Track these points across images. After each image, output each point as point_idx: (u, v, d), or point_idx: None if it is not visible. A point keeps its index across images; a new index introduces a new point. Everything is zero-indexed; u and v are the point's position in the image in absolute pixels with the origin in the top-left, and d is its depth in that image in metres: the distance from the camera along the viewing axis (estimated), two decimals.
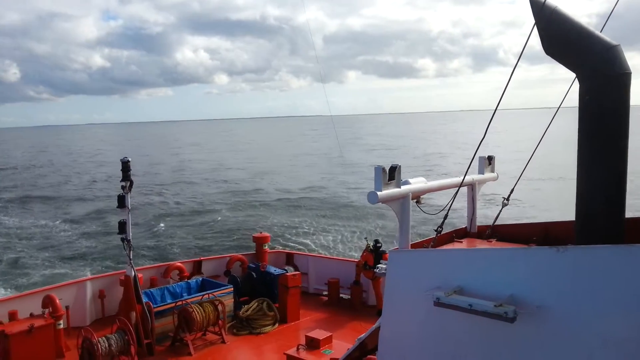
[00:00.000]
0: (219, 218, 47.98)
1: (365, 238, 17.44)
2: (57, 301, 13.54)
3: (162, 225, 45.12)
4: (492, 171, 9.74)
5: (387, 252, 16.40)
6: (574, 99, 5.88)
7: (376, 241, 16.84)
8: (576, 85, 5.85)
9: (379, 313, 16.06)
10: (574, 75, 5.90)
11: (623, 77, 5.54)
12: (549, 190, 55.38)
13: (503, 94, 6.28)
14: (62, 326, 13.62)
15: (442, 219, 7.11)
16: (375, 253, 16.45)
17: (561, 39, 5.78)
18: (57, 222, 47.94)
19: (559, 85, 7.91)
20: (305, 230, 41.01)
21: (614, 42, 5.58)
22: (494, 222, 8.98)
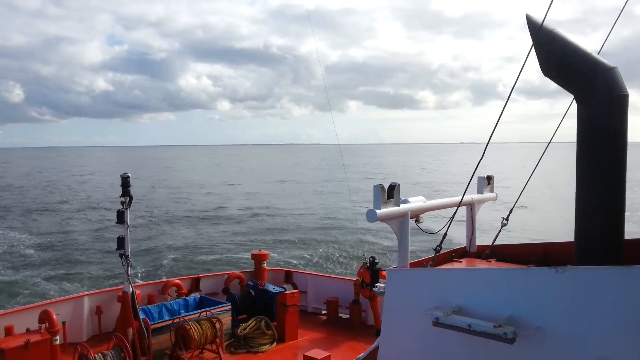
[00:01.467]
0: (218, 235, 47.95)
1: (363, 255, 17.34)
2: (54, 316, 13.43)
3: (160, 242, 45.01)
4: (492, 191, 9.76)
5: (383, 269, 16.33)
6: (571, 134, 5.94)
7: (372, 258, 16.64)
8: (574, 109, 5.91)
9: (377, 333, 15.94)
10: (572, 108, 5.97)
11: (621, 99, 5.59)
12: (548, 212, 55.43)
13: (499, 119, 6.37)
14: (58, 342, 13.49)
15: (441, 238, 7.11)
16: (371, 270, 16.25)
17: (559, 60, 5.85)
18: (51, 236, 47.79)
19: (557, 120, 8.00)
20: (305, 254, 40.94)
21: (611, 64, 5.65)
22: (493, 242, 8.98)
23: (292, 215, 61.71)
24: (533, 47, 5.82)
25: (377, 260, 16.63)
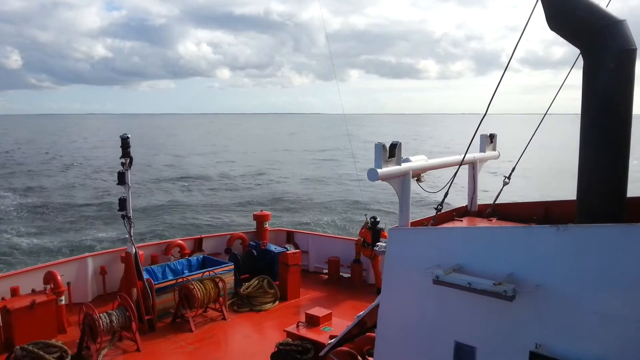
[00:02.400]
0: (221, 195, 48.19)
1: (365, 215, 17.38)
2: (59, 277, 13.60)
3: (162, 203, 45.26)
4: (494, 149, 9.66)
5: (384, 229, 16.44)
6: (576, 106, 5.79)
7: (374, 218, 16.70)
8: (577, 80, 5.76)
9: (378, 291, 16.17)
10: (575, 80, 5.81)
11: (628, 53, 5.43)
12: (550, 171, 55.44)
13: (498, 85, 6.24)
14: (63, 302, 13.70)
15: (443, 197, 7.06)
16: (373, 230, 16.38)
17: (565, 13, 5.65)
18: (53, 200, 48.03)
19: (562, 91, 7.81)
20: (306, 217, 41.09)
21: (620, 17, 5.46)
22: (495, 200, 8.94)
23: (295, 182, 61.66)
24: (539, 0, 5.63)
25: (378, 220, 16.69)
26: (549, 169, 63.62)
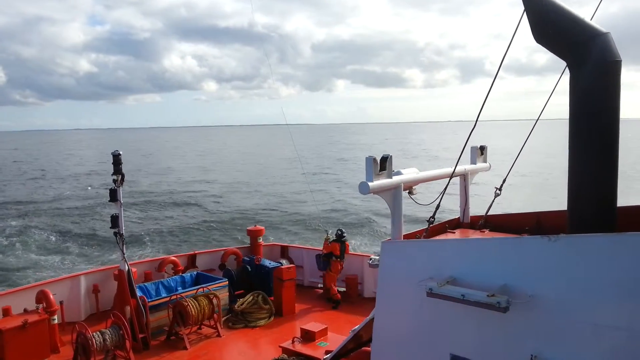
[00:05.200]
0: (214, 211, 48.04)
1: (326, 230, 17.56)
2: (51, 296, 13.48)
3: (154, 219, 45.04)
4: (485, 161, 9.73)
5: (348, 241, 17.10)
6: (558, 111, 5.89)
7: (340, 231, 17.01)
8: (563, 86, 5.85)
9: (329, 300, 16.75)
10: (560, 86, 5.90)
11: (614, 65, 5.52)
12: (541, 182, 55.75)
13: (488, 94, 6.31)
14: (56, 321, 13.57)
15: (434, 210, 7.10)
16: (340, 243, 16.65)
17: (551, 26, 5.75)
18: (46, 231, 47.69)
19: (546, 97, 7.91)
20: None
21: (604, 29, 5.56)
22: (487, 212, 8.98)
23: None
24: (525, 13, 5.71)
25: (343, 231, 17.05)
26: (540, 175, 63.84)
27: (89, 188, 69.32)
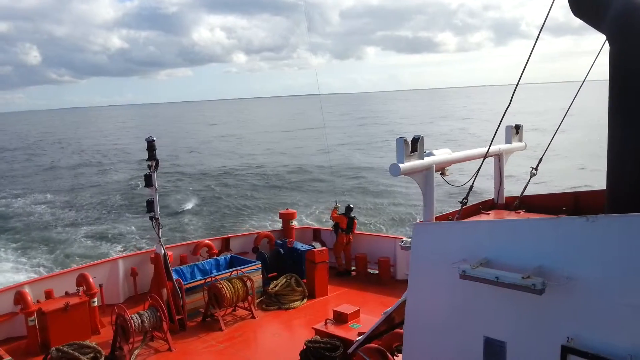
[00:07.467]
0: (248, 194, 48.52)
1: (335, 200, 17.71)
2: (91, 279, 13.89)
3: (190, 205, 45.72)
4: (520, 140, 9.49)
5: (356, 218, 17.62)
6: (600, 71, 5.65)
7: (349, 206, 17.45)
8: (605, 53, 5.60)
9: (338, 274, 17.34)
10: (599, 45, 5.65)
11: None
12: (579, 160, 54.16)
13: (525, 66, 6.10)
14: (96, 304, 14.00)
15: (468, 191, 6.96)
16: (348, 218, 16.93)
17: None
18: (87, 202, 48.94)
19: (584, 58, 7.58)
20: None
21: None
22: (522, 192, 8.79)
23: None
24: None
25: (352, 207, 17.42)
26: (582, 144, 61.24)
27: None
